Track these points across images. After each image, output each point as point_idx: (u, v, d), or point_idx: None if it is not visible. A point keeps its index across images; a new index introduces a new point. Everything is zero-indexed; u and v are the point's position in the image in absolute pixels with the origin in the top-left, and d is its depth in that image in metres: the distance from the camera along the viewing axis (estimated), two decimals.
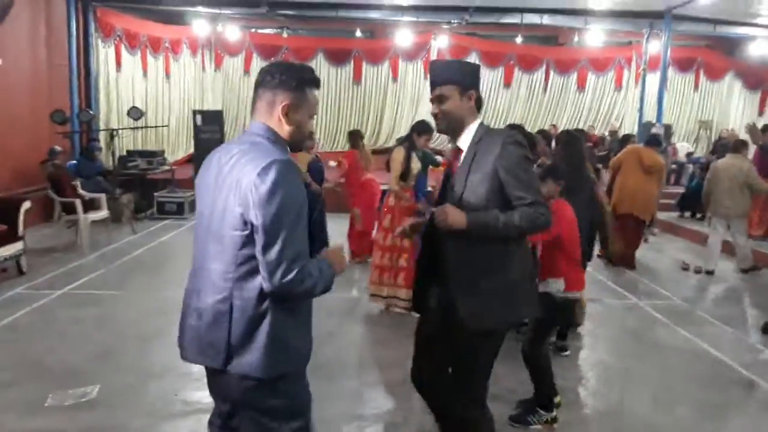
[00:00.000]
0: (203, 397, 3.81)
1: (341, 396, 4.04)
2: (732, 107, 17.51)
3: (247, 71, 16.59)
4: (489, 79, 16.90)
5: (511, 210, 2.41)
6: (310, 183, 6.66)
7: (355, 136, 7.77)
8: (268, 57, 16.53)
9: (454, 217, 2.39)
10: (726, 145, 12.17)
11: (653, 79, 15.00)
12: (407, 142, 5.60)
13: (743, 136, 15.31)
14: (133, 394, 3.97)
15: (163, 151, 12.55)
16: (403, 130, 16.96)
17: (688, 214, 11.23)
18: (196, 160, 12.51)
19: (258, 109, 2.01)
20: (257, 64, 16.58)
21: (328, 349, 4.79)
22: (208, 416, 2.24)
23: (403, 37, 15.62)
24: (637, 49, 16.27)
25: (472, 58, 16.69)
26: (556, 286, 3.59)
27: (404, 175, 5.49)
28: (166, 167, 11.82)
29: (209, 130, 12.25)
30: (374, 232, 7.14)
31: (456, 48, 16.49)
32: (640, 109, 14.59)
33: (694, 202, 10.56)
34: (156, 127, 12.88)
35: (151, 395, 3.97)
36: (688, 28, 14.16)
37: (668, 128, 14.50)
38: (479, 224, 2.40)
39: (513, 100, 17.10)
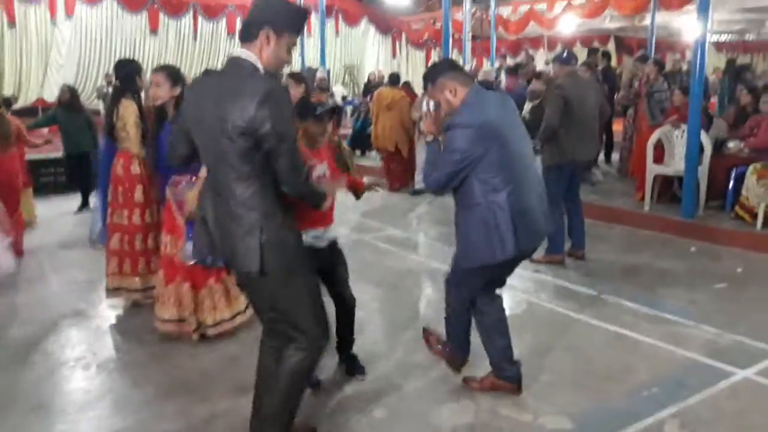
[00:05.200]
0: None
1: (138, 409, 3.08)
2: (368, 51, 19.09)
3: None
4: (131, 25, 15.28)
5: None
6: None
7: None
8: None
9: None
10: (377, 85, 13.05)
11: None
12: (129, 92, 4.11)
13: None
14: None
15: None
16: (32, 86, 14.30)
17: (358, 152, 11.62)
18: None
19: None
20: None
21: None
22: None
23: None
24: None
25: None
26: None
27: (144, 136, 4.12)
28: None
29: None
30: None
31: None
32: (302, 54, 14.79)
33: (362, 141, 11.06)
34: None
35: None
36: None
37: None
38: None
39: (162, 48, 15.79)
